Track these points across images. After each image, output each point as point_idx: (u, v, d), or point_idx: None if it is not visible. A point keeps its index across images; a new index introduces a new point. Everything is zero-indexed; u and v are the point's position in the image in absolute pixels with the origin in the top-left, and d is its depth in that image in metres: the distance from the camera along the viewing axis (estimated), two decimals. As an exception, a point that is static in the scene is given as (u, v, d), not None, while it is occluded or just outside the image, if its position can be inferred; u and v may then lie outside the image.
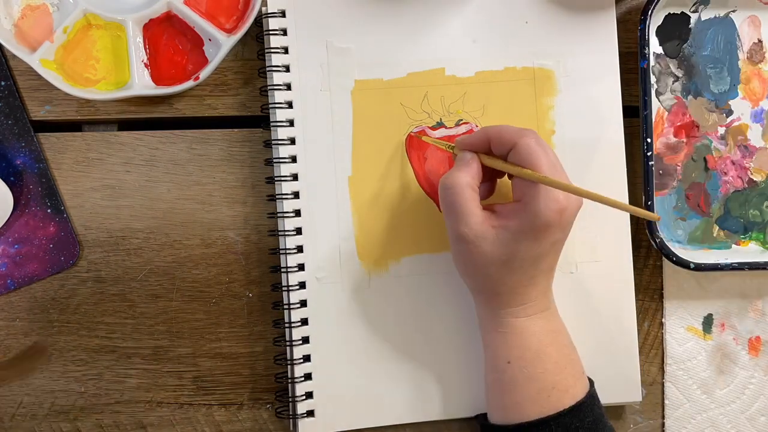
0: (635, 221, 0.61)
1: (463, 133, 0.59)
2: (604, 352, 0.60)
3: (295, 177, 0.58)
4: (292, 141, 0.58)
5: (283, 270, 0.58)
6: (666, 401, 0.62)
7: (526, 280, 0.52)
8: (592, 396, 0.54)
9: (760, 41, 0.63)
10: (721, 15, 0.62)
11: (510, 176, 0.53)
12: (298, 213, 0.58)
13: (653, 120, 0.60)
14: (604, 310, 0.60)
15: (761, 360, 0.63)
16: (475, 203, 0.51)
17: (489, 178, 0.55)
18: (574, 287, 0.60)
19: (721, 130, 0.62)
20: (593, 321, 0.60)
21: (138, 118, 0.59)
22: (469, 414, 0.60)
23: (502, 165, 0.52)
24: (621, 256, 0.60)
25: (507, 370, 0.53)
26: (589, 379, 0.55)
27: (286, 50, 0.58)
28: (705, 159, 0.62)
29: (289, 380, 0.58)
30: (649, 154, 0.59)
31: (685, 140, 0.62)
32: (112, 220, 0.59)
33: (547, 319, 0.54)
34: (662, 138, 0.61)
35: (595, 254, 0.60)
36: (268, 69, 0.58)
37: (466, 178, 0.52)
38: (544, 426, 0.52)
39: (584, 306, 0.60)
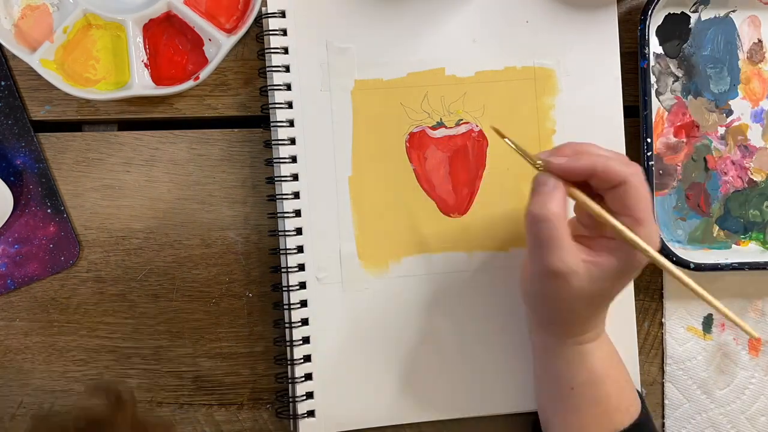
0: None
1: (464, 133, 0.59)
2: (604, 352, 0.60)
3: (295, 177, 0.58)
4: (293, 141, 0.58)
5: (283, 270, 0.58)
6: (666, 401, 0.62)
7: (600, 311, 0.52)
8: (646, 415, 0.55)
9: (760, 41, 0.63)
10: (721, 15, 0.62)
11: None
12: (298, 213, 0.58)
13: (653, 120, 0.60)
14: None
15: (761, 360, 0.63)
16: (568, 237, 0.48)
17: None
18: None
19: (721, 130, 0.62)
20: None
21: (138, 118, 0.59)
22: (469, 414, 0.60)
23: (593, 208, 0.48)
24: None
25: (571, 396, 0.53)
26: (639, 394, 0.56)
27: (286, 50, 0.58)
28: (705, 159, 0.62)
29: (290, 380, 0.58)
30: (649, 154, 0.59)
31: (685, 140, 0.62)
32: (112, 220, 0.59)
33: (607, 343, 0.55)
34: (662, 138, 0.61)
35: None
36: (268, 69, 0.58)
37: (562, 207, 0.47)
38: None
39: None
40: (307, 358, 0.58)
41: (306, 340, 0.58)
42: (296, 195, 0.58)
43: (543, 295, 0.50)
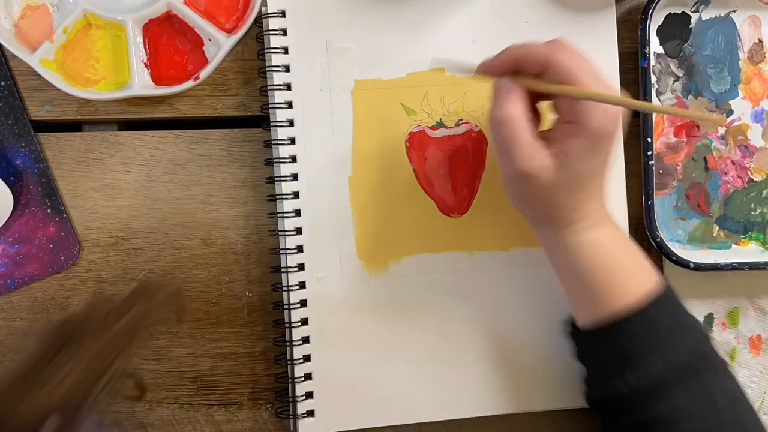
0: (635, 221, 0.61)
1: (463, 133, 0.59)
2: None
3: (295, 177, 0.58)
4: (292, 141, 0.58)
5: (283, 270, 0.58)
6: (666, 401, 0.62)
7: (586, 195, 0.51)
8: (668, 287, 0.53)
9: (760, 41, 0.62)
10: (722, 15, 0.62)
11: (549, 96, 0.51)
12: (298, 213, 0.58)
13: (653, 119, 0.60)
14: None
15: (763, 359, 0.63)
16: (531, 134, 0.48)
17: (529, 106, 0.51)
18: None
19: (722, 130, 0.62)
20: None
21: (138, 118, 0.59)
22: (469, 414, 0.60)
23: (546, 87, 0.48)
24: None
25: (578, 286, 0.53)
26: (663, 276, 0.55)
27: (286, 50, 0.58)
28: (705, 159, 0.62)
29: (290, 380, 0.58)
30: (649, 153, 0.59)
31: (685, 140, 0.62)
32: (112, 220, 0.59)
33: (610, 226, 0.53)
34: (662, 138, 0.61)
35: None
36: (267, 69, 0.58)
37: (518, 107, 0.48)
38: (626, 322, 0.51)
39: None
40: (306, 358, 0.58)
41: (306, 340, 0.58)
42: (296, 195, 0.58)
43: (521, 196, 0.52)
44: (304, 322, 0.58)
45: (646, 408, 0.51)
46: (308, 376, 0.58)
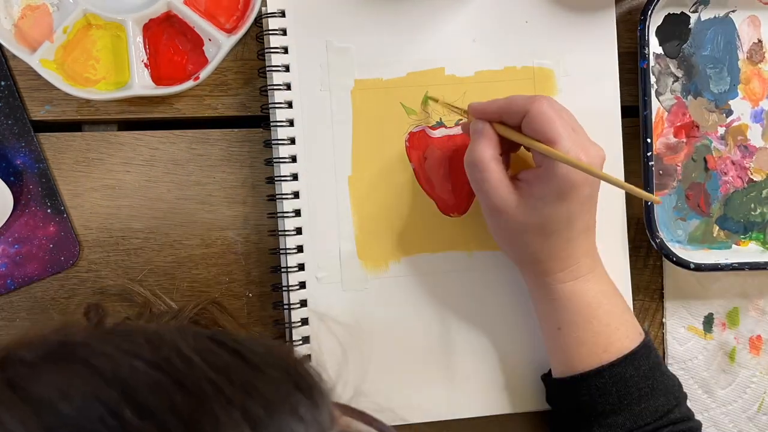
0: (635, 222, 0.61)
1: (463, 133, 0.59)
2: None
3: (295, 177, 0.58)
4: (292, 141, 0.58)
5: (283, 270, 0.58)
6: (666, 401, 0.62)
7: (563, 242, 0.52)
8: (646, 345, 0.54)
9: (759, 41, 0.63)
10: (721, 15, 0.62)
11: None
12: (298, 213, 0.58)
13: (653, 120, 0.60)
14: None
15: (762, 359, 0.63)
16: (501, 175, 0.51)
17: (506, 149, 0.54)
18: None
19: (721, 130, 0.62)
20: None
21: (138, 118, 0.59)
22: (469, 415, 0.60)
23: (517, 137, 0.51)
24: (617, 258, 0.61)
25: (558, 336, 0.54)
26: (645, 333, 0.56)
27: (285, 50, 0.58)
28: (705, 159, 0.62)
29: (289, 380, 0.58)
30: (648, 154, 0.59)
31: (685, 140, 0.62)
32: (112, 220, 0.59)
33: (595, 281, 0.54)
34: (662, 138, 0.61)
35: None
36: (267, 69, 0.58)
37: (488, 150, 0.51)
38: (598, 375, 0.52)
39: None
40: (306, 358, 0.58)
41: (306, 340, 0.58)
42: (296, 195, 0.58)
43: (497, 233, 0.54)
44: (304, 322, 0.58)
45: None
46: (308, 376, 0.58)
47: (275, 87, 0.58)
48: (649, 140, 0.59)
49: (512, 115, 0.51)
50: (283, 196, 0.58)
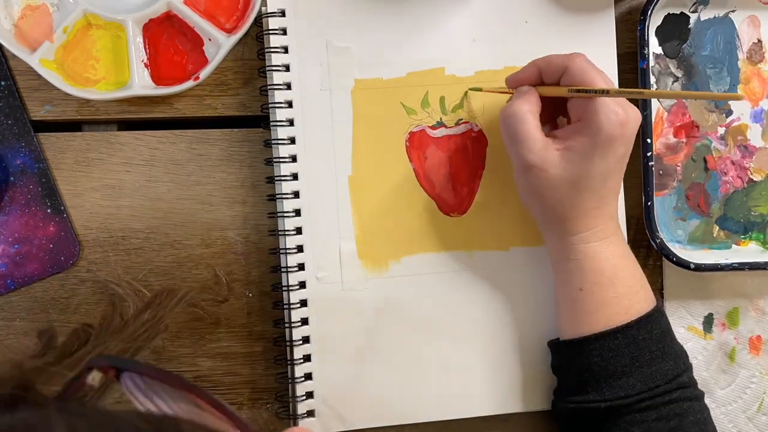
0: (635, 222, 0.61)
1: (463, 133, 0.59)
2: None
3: (295, 176, 0.58)
4: (292, 140, 0.58)
5: (283, 270, 0.58)
6: (666, 401, 0.62)
7: (595, 201, 0.52)
8: (659, 310, 0.55)
9: (759, 41, 0.63)
10: (721, 15, 0.62)
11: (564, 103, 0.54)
12: (298, 213, 0.58)
13: (653, 120, 0.60)
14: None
15: (762, 359, 0.63)
16: (537, 129, 0.52)
17: (549, 118, 0.56)
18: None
19: (721, 130, 0.62)
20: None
21: (138, 118, 0.59)
22: (469, 414, 0.60)
23: (557, 91, 0.52)
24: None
25: (579, 297, 0.54)
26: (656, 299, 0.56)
27: (285, 50, 0.58)
28: (705, 159, 0.62)
29: (290, 380, 0.58)
30: (648, 154, 0.59)
31: (684, 140, 0.62)
32: (112, 220, 0.59)
33: (618, 244, 0.55)
34: (662, 138, 0.61)
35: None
36: (267, 69, 0.58)
37: (526, 105, 0.52)
38: (611, 336, 0.53)
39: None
40: (307, 358, 0.58)
41: (306, 339, 0.58)
42: (296, 194, 0.58)
43: (529, 190, 0.53)
44: (304, 322, 0.58)
45: (617, 424, 0.52)
46: (308, 376, 0.58)
47: (275, 87, 0.58)
48: (649, 140, 0.59)
49: (551, 72, 0.52)
50: (283, 196, 0.58)
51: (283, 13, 0.58)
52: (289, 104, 0.58)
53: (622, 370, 0.52)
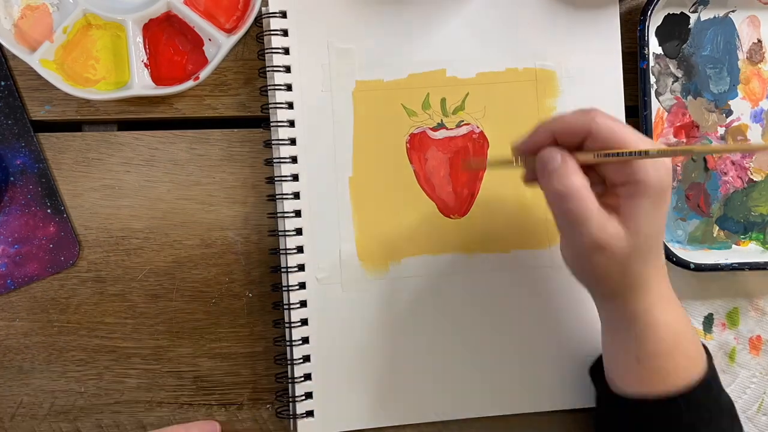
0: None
1: (464, 135, 0.59)
2: (604, 352, 0.60)
3: (295, 177, 0.58)
4: (293, 141, 0.58)
5: (283, 270, 0.58)
6: (666, 401, 0.62)
7: (658, 261, 0.49)
8: (713, 369, 0.52)
9: (759, 41, 0.63)
10: (721, 15, 0.62)
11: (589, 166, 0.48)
12: (298, 213, 0.58)
13: (653, 120, 0.60)
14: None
15: (762, 359, 0.63)
16: (596, 205, 0.46)
17: None
18: (575, 288, 0.60)
19: (721, 131, 0.62)
20: (593, 321, 0.60)
21: (138, 118, 0.59)
22: (469, 415, 0.60)
23: (599, 158, 0.46)
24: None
25: (637, 368, 0.50)
26: (706, 349, 0.53)
27: (286, 51, 0.58)
28: (705, 159, 0.62)
29: (289, 380, 0.58)
30: (649, 154, 0.59)
31: (684, 140, 0.62)
32: (112, 220, 0.59)
33: (675, 307, 0.51)
34: (662, 138, 0.61)
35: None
36: (268, 69, 0.58)
37: (580, 179, 0.46)
38: (672, 403, 0.49)
39: (583, 306, 0.60)
40: (306, 359, 0.58)
41: (305, 340, 0.58)
42: (296, 195, 0.58)
43: (594, 271, 0.48)
44: (304, 322, 0.58)
45: None
46: (308, 377, 0.58)
47: (276, 87, 0.58)
48: (649, 141, 0.59)
49: (571, 137, 0.47)
50: (284, 197, 0.58)
51: (284, 15, 0.58)
52: (290, 105, 0.58)
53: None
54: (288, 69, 0.58)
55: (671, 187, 0.48)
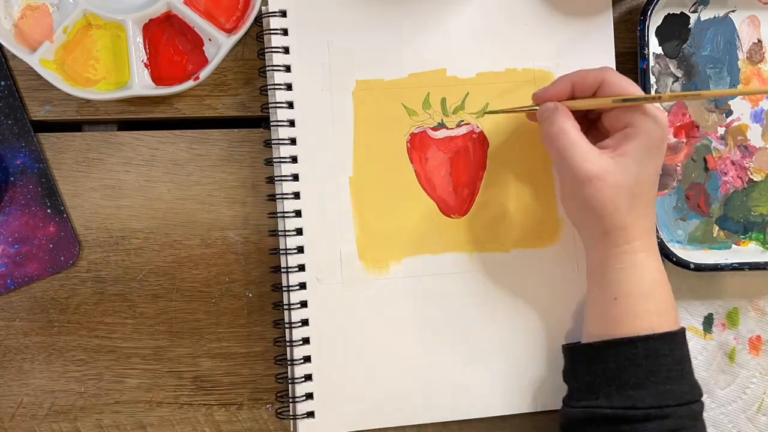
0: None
1: (465, 134, 0.59)
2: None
3: (295, 177, 0.58)
4: (293, 141, 0.58)
5: (283, 270, 0.58)
6: (666, 401, 0.62)
7: (648, 206, 0.53)
8: (683, 335, 0.54)
9: (759, 41, 0.63)
10: (721, 15, 0.62)
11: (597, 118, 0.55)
12: (298, 213, 0.58)
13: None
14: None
15: (762, 359, 0.63)
16: (586, 140, 0.52)
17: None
18: (574, 288, 0.60)
19: (721, 131, 0.62)
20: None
21: (138, 118, 0.59)
22: (470, 416, 0.60)
23: (595, 103, 0.53)
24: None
25: (611, 305, 0.53)
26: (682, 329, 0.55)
27: (286, 50, 0.58)
28: (705, 159, 0.62)
29: (290, 381, 0.58)
30: (649, 154, 0.59)
31: (684, 140, 0.62)
32: (112, 220, 0.59)
33: (657, 258, 0.54)
34: (662, 138, 0.61)
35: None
36: (268, 69, 0.58)
37: (569, 120, 0.53)
38: (631, 345, 0.52)
39: (584, 306, 0.60)
40: (306, 359, 0.58)
41: (306, 340, 0.58)
42: (296, 195, 0.58)
43: (586, 203, 0.52)
44: (305, 322, 0.58)
45: None
46: (308, 377, 0.58)
47: (276, 87, 0.58)
48: (649, 140, 0.59)
49: (587, 86, 0.53)
50: (284, 197, 0.57)
51: (284, 14, 0.58)
52: (290, 105, 0.58)
53: (635, 381, 0.51)
54: (288, 68, 0.58)
55: (665, 143, 0.52)
